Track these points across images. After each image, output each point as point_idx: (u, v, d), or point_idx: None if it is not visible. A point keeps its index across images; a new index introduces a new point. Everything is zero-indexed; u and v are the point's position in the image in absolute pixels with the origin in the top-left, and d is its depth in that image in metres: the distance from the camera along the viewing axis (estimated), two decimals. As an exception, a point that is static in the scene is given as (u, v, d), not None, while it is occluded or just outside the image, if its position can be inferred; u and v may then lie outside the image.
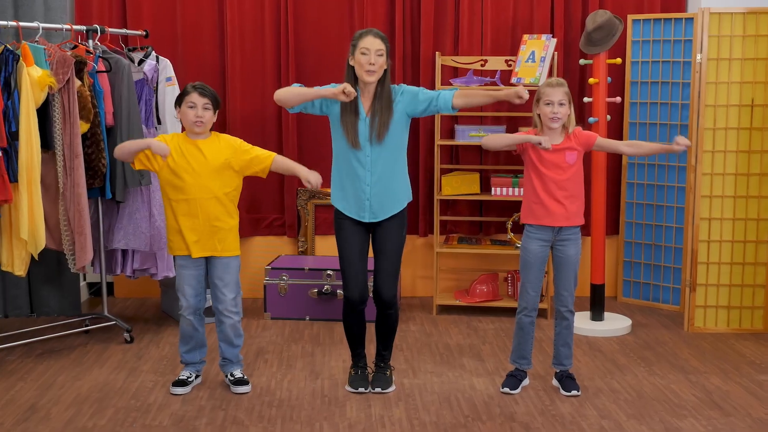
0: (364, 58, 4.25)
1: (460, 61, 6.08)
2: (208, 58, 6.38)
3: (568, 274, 4.53)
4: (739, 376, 4.87)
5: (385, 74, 4.34)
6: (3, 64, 4.85)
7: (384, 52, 4.28)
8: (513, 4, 6.32)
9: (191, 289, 4.52)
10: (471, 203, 6.49)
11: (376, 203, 4.41)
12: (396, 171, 4.44)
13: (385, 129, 4.31)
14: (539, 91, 4.41)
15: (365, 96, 4.36)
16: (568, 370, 4.65)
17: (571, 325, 4.60)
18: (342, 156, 4.41)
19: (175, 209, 4.43)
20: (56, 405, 4.41)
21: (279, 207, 6.55)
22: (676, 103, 6.09)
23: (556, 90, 4.35)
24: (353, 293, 4.46)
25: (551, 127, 4.39)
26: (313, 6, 6.35)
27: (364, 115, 4.34)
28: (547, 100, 4.36)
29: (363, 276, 4.47)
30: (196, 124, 4.39)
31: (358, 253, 4.46)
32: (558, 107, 4.35)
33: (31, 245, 4.93)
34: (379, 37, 4.28)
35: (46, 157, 5.02)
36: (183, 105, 4.42)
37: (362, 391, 4.56)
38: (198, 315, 4.58)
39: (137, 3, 6.26)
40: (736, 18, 5.56)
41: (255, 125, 6.38)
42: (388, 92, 4.35)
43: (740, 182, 5.64)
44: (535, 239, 4.49)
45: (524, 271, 4.55)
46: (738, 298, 5.71)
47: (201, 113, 4.38)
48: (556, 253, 4.54)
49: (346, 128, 4.32)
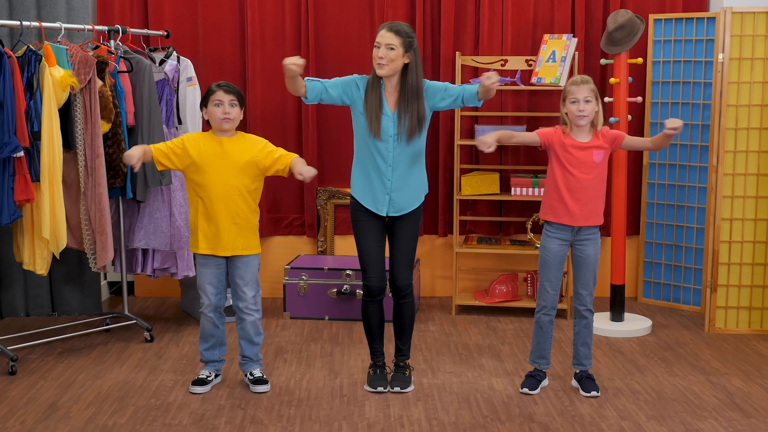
0: (375, 51, 4.27)
1: (481, 61, 6.05)
2: (229, 58, 6.38)
3: (587, 274, 4.50)
4: (761, 377, 4.82)
5: (406, 69, 4.31)
6: (26, 64, 4.87)
7: (396, 46, 4.24)
8: (534, 3, 6.28)
9: (212, 288, 4.53)
10: (491, 203, 6.46)
11: (396, 197, 4.41)
12: (417, 166, 4.44)
13: (414, 135, 4.31)
14: (565, 89, 4.39)
15: (388, 90, 4.35)
16: (588, 370, 4.61)
17: (591, 324, 4.56)
18: (364, 149, 4.40)
19: (199, 207, 4.44)
20: (77, 403, 4.42)
21: (299, 207, 6.54)
22: (698, 103, 6.03)
23: (582, 87, 4.33)
24: (372, 281, 4.46)
25: (579, 124, 4.36)
26: (333, 7, 6.34)
27: (389, 111, 4.33)
28: (573, 98, 4.33)
29: (381, 265, 4.48)
30: (224, 121, 4.40)
31: (375, 243, 4.46)
32: (584, 104, 4.32)
33: (53, 244, 4.95)
34: (392, 31, 4.25)
35: (68, 156, 5.03)
36: (209, 104, 4.42)
37: (381, 390, 4.54)
38: (218, 313, 4.58)
39: (159, 4, 6.27)
40: (759, 17, 5.50)
41: (276, 125, 6.37)
42: (413, 90, 4.31)
43: (762, 182, 5.57)
44: (554, 238, 4.46)
45: (543, 269, 4.52)
46: (759, 299, 5.64)
47: (228, 110, 4.40)
48: (575, 252, 4.51)
49: (370, 119, 4.31)
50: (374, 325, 4.61)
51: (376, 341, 4.64)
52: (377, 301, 4.53)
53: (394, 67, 4.27)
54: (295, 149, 6.41)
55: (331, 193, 6.48)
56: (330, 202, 6.49)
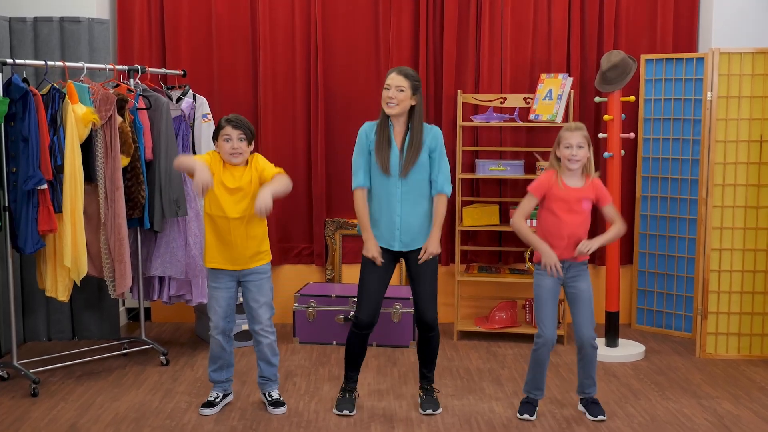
0: (386, 92, 4.37)
1: (481, 98, 6.11)
2: (242, 97, 6.44)
3: (585, 310, 4.44)
4: (750, 401, 4.82)
5: (412, 111, 4.40)
6: (50, 101, 4.93)
7: (405, 88, 4.34)
8: (531, 44, 6.35)
9: (221, 310, 4.51)
10: (490, 234, 6.49)
11: (405, 233, 4.44)
12: (424, 202, 4.47)
13: (411, 165, 4.37)
14: (559, 135, 4.40)
15: (396, 129, 4.44)
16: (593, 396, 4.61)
17: (595, 358, 4.54)
18: (377, 187, 4.46)
19: (211, 226, 4.44)
20: (95, 424, 4.43)
21: (308, 237, 6.58)
22: (688, 139, 6.07)
23: (575, 134, 4.35)
24: (365, 316, 4.46)
25: (570, 168, 4.37)
26: (341, 49, 6.41)
27: (396, 149, 4.41)
28: (567, 143, 4.35)
29: (377, 303, 4.49)
30: (233, 156, 4.41)
31: (378, 281, 4.47)
32: (577, 150, 4.33)
33: (74, 272, 4.98)
34: (402, 74, 4.36)
35: (89, 189, 5.07)
36: (219, 139, 4.43)
37: (347, 413, 4.55)
38: (226, 336, 4.57)
39: (176, 44, 6.35)
40: (745, 58, 5.56)
41: (286, 158, 6.40)
42: (418, 130, 4.41)
43: (750, 214, 5.61)
44: (547, 276, 4.44)
45: (539, 306, 4.46)
46: (748, 325, 5.65)
47: (237, 144, 4.40)
48: (569, 291, 4.47)
49: (379, 155, 4.39)
50: (355, 355, 4.61)
51: (353, 369, 4.65)
52: (364, 334, 4.53)
53: (403, 107, 4.36)
54: (305, 182, 6.46)
55: (338, 224, 6.52)
56: (338, 232, 6.53)
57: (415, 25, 6.34)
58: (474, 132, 6.42)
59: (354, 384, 4.67)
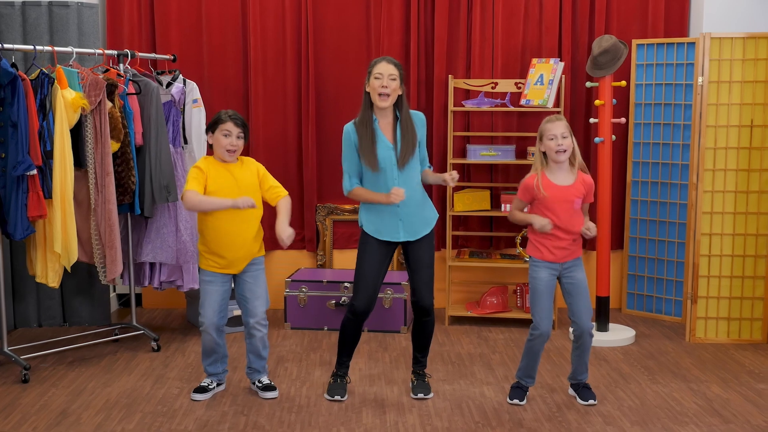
0: (377, 82, 4.27)
1: (472, 83, 6.08)
2: (232, 81, 6.41)
3: (583, 299, 4.43)
4: (739, 384, 4.83)
5: (400, 100, 4.36)
6: (39, 86, 4.89)
7: (397, 77, 4.29)
8: (522, 29, 6.31)
9: (215, 306, 4.46)
10: (482, 219, 6.48)
11: (408, 223, 4.41)
12: (418, 188, 4.45)
13: (410, 157, 4.34)
14: (540, 129, 4.33)
15: (383, 124, 4.37)
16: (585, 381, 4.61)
17: (590, 346, 4.53)
18: (372, 185, 4.40)
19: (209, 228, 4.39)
20: (86, 410, 4.42)
21: (299, 222, 6.55)
22: (679, 124, 6.06)
23: (557, 124, 4.28)
24: (361, 303, 4.42)
25: (558, 160, 4.30)
26: (332, 34, 6.37)
27: (388, 142, 4.34)
28: (551, 134, 4.27)
29: (374, 291, 4.45)
30: (229, 153, 4.38)
31: (376, 269, 4.43)
32: (562, 139, 4.26)
33: (65, 258, 4.95)
34: (392, 63, 4.30)
35: (79, 174, 5.04)
36: (217, 132, 4.37)
37: (338, 399, 4.54)
38: (219, 330, 4.52)
39: (166, 29, 6.30)
40: (736, 42, 5.54)
41: (277, 144, 6.39)
42: (407, 117, 4.37)
43: (740, 199, 5.60)
44: (543, 268, 4.39)
45: (536, 299, 4.41)
46: (737, 310, 5.66)
47: (235, 142, 4.37)
48: (566, 282, 4.43)
49: (364, 154, 4.32)
50: (349, 341, 4.59)
51: (346, 355, 4.63)
52: (359, 321, 4.50)
53: (395, 97, 4.32)
54: (296, 168, 6.43)
55: (329, 209, 6.50)
56: (329, 217, 6.50)
57: (406, 10, 6.30)
58: (465, 117, 6.40)
59: (346, 369, 4.65)
